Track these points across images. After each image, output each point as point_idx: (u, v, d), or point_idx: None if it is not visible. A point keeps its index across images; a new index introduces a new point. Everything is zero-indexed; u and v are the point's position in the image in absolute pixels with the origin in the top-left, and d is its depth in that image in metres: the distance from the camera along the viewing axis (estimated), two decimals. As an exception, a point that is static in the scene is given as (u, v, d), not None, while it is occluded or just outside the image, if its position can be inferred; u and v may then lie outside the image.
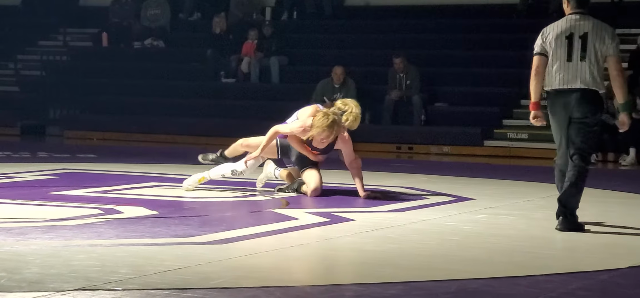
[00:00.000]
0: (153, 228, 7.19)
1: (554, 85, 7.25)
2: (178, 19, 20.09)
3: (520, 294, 5.32)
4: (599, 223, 7.94)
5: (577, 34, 7.20)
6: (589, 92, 7.21)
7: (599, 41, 7.19)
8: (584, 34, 7.19)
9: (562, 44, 7.20)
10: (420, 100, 15.91)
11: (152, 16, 19.66)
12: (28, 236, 6.68)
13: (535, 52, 7.32)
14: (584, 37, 7.19)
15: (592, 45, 7.19)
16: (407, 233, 7.35)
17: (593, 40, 7.19)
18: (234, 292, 5.15)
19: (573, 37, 7.20)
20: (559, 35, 7.22)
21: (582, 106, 7.21)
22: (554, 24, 7.33)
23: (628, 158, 13.88)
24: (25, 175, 10.68)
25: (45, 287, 5.11)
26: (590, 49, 7.18)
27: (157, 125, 17.15)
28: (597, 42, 7.19)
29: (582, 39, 7.19)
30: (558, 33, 7.23)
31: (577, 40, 7.19)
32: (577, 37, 7.20)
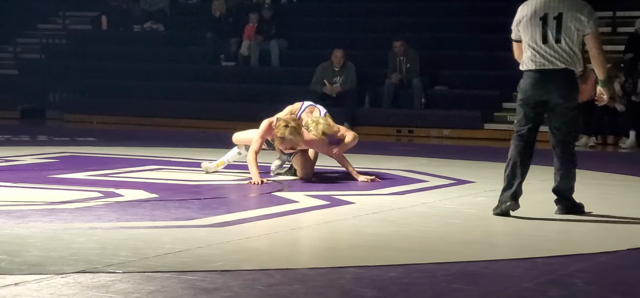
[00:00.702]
0: (153, 212, 7.20)
1: (529, 66, 7.15)
2: (177, 3, 20.07)
3: (519, 276, 5.33)
4: (599, 206, 7.95)
5: (552, 15, 7.07)
6: (565, 72, 7.12)
7: (575, 21, 7.07)
8: (559, 14, 7.07)
9: (537, 24, 7.07)
10: (420, 84, 15.89)
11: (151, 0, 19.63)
12: (28, 219, 6.69)
13: (512, 38, 7.28)
14: (559, 18, 7.06)
15: (567, 25, 7.06)
16: (407, 216, 7.36)
17: (569, 21, 7.06)
18: (234, 274, 5.16)
19: (547, 17, 7.06)
20: (533, 16, 7.08)
21: (559, 88, 7.12)
22: (526, 3, 7.19)
23: (628, 141, 13.88)
24: (25, 159, 10.69)
25: (45, 270, 5.12)
26: (566, 29, 7.06)
27: (157, 109, 17.14)
28: (573, 22, 7.07)
29: (557, 19, 7.06)
30: (532, 14, 7.09)
31: (552, 21, 7.06)
32: (552, 17, 7.06)
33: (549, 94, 7.13)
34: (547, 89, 7.12)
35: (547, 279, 5.21)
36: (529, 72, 7.17)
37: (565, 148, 7.27)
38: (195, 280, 4.98)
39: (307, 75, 16.19)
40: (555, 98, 7.14)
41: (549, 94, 7.13)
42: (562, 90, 7.13)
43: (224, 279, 5.02)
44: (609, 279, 5.33)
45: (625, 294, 4.85)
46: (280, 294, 4.77)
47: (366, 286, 5.07)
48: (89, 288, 4.78)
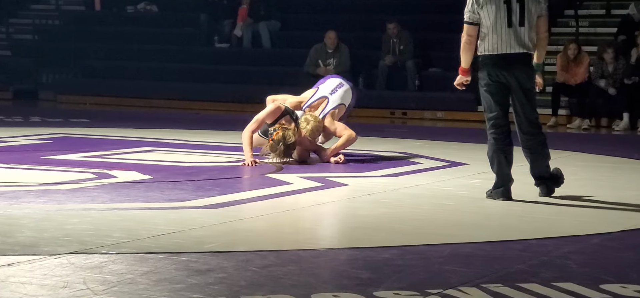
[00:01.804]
0: (147, 193, 7.19)
1: (493, 51, 7.11)
2: (171, -17, 20.01)
3: (513, 258, 5.34)
4: (592, 188, 7.97)
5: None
6: (526, 56, 7.12)
7: (535, 3, 7.09)
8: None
9: (501, 8, 7.04)
10: (414, 66, 15.88)
11: (145, -20, 19.58)
12: (21, 200, 6.68)
13: (467, 20, 7.18)
14: (521, 1, 7.05)
15: (529, 8, 7.07)
16: (400, 198, 7.36)
17: (530, 3, 7.07)
18: (228, 256, 5.16)
19: (511, 1, 7.05)
20: (496, 0, 7.05)
21: (522, 71, 7.11)
22: None
23: (621, 123, 13.90)
24: (18, 140, 10.67)
25: (39, 251, 5.12)
26: (528, 12, 7.06)
27: (150, 90, 17.11)
28: (533, 5, 7.09)
29: (520, 3, 7.05)
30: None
31: (515, 4, 7.04)
32: (515, 1, 7.05)
33: (512, 77, 7.12)
34: (510, 73, 7.10)
35: (540, 261, 5.22)
36: (490, 56, 7.13)
37: (535, 129, 7.25)
38: (188, 261, 4.99)
39: (301, 57, 16.16)
40: (519, 81, 7.13)
41: (512, 78, 7.12)
42: (523, 74, 7.12)
43: (217, 260, 5.03)
44: (602, 261, 5.34)
45: (618, 276, 4.87)
46: (274, 275, 4.78)
47: (360, 267, 5.08)
48: (82, 269, 4.78)
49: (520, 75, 7.13)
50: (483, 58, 7.20)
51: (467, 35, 7.21)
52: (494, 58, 7.14)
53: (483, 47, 7.18)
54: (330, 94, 9.32)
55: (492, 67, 7.15)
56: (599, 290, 4.58)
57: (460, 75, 7.43)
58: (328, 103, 9.24)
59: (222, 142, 10.86)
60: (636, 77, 13.99)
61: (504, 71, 7.12)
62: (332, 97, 9.30)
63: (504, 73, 7.12)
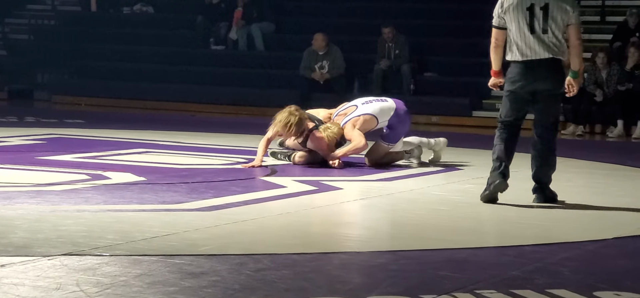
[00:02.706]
0: (141, 195, 7.17)
1: (516, 57, 7.21)
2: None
3: (507, 264, 5.33)
4: (586, 194, 7.96)
5: (538, 5, 7.14)
6: (553, 61, 7.18)
7: (561, 11, 7.15)
8: (545, 4, 7.14)
9: (524, 15, 7.14)
10: (409, 70, 15.87)
11: (141, -19, 19.55)
12: (15, 200, 6.66)
13: (494, 25, 7.30)
14: (545, 8, 7.14)
15: (553, 15, 7.14)
16: (395, 203, 7.35)
17: (555, 11, 7.14)
18: (222, 259, 5.15)
19: (534, 7, 7.14)
20: (519, 5, 7.15)
21: (548, 77, 7.19)
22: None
23: (615, 130, 13.90)
24: (13, 140, 10.64)
25: (32, 252, 5.09)
26: (552, 19, 7.14)
27: (146, 91, 17.09)
28: (559, 12, 7.15)
29: (544, 9, 7.14)
30: (518, 2, 7.16)
31: (539, 11, 7.13)
32: (539, 8, 7.14)
33: (536, 83, 7.20)
34: (534, 79, 7.18)
35: (534, 267, 5.21)
36: (516, 62, 7.23)
37: (549, 135, 7.34)
38: (182, 263, 4.97)
39: (296, 60, 16.16)
40: (542, 87, 7.20)
41: (536, 84, 7.20)
42: (549, 79, 7.20)
43: (211, 263, 5.01)
44: (596, 268, 5.34)
45: (612, 283, 4.86)
46: (268, 279, 4.76)
47: (354, 272, 5.07)
48: (76, 270, 4.76)
49: (544, 81, 7.20)
50: (511, 65, 7.29)
51: (494, 38, 7.33)
52: (517, 64, 7.24)
53: (509, 54, 7.29)
54: (362, 104, 9.21)
55: (516, 73, 7.24)
56: (593, 297, 4.57)
57: (493, 78, 7.50)
58: (355, 111, 9.15)
59: (217, 144, 10.84)
60: (630, 84, 13.99)
61: (527, 77, 7.19)
62: (362, 107, 9.15)
63: (527, 80, 7.20)
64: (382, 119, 9.10)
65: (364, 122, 9.02)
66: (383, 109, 9.15)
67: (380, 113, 9.10)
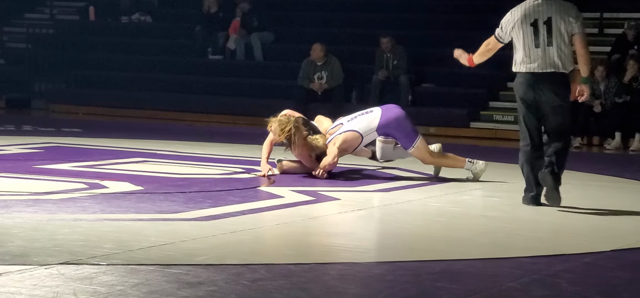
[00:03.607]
0: (138, 204, 7.17)
1: (521, 69, 7.46)
2: (166, -6, 20.03)
3: (504, 275, 5.34)
4: (584, 206, 7.97)
5: (541, 20, 7.36)
6: (559, 75, 7.41)
7: (564, 23, 7.37)
8: (548, 18, 7.35)
9: (528, 30, 7.37)
10: (407, 81, 15.87)
11: (139, -10, 19.58)
12: (12, 209, 6.66)
13: (495, 35, 7.64)
14: (548, 22, 7.35)
15: (557, 29, 7.36)
16: (392, 213, 7.36)
17: (558, 24, 7.36)
18: (219, 269, 5.15)
19: (538, 22, 7.35)
20: (523, 22, 7.39)
21: (553, 90, 7.41)
22: (515, 9, 7.48)
23: (613, 142, 13.91)
24: (10, 149, 10.64)
25: (29, 261, 5.10)
26: (556, 32, 7.35)
27: (144, 101, 17.10)
28: (562, 24, 7.37)
29: (547, 24, 7.34)
30: (521, 19, 7.39)
31: (542, 26, 7.35)
32: (542, 22, 7.35)
33: (541, 95, 7.42)
34: (539, 90, 7.42)
35: (531, 279, 5.22)
36: (521, 74, 7.50)
37: (564, 140, 7.58)
38: (179, 273, 4.97)
39: (294, 70, 16.17)
40: (547, 98, 7.42)
41: (541, 95, 7.43)
42: (551, 92, 7.42)
43: (208, 273, 5.01)
44: (593, 280, 5.34)
45: (609, 295, 4.86)
46: (265, 289, 4.76)
47: (350, 283, 5.07)
48: (73, 280, 4.76)
49: (548, 94, 7.42)
50: (517, 76, 7.55)
51: (491, 44, 7.73)
52: (524, 76, 7.48)
53: (515, 66, 7.54)
54: (347, 121, 9.23)
55: (520, 83, 7.51)
56: (589, 309, 4.57)
57: (467, 60, 7.92)
58: (341, 128, 9.16)
59: (214, 154, 10.85)
60: (627, 96, 14.01)
61: (533, 89, 7.44)
62: (347, 124, 9.13)
63: (533, 91, 7.44)
64: (368, 132, 9.09)
65: (344, 140, 8.99)
66: (369, 121, 9.14)
67: (365, 127, 9.09)
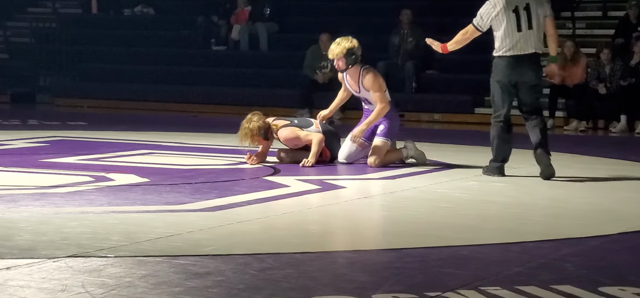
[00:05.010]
0: (144, 196, 7.19)
1: (507, 53, 8.14)
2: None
3: (511, 260, 5.34)
4: (589, 190, 7.98)
5: (521, 6, 8.11)
6: (537, 55, 8.21)
7: (540, 7, 8.17)
8: (526, 5, 8.12)
9: (510, 16, 8.09)
10: (412, 68, 15.87)
11: (141, -17, 19.57)
12: (19, 203, 6.68)
13: (474, 23, 8.29)
14: (527, 8, 8.12)
15: (535, 13, 8.13)
16: (398, 201, 7.37)
17: (536, 8, 8.14)
18: (226, 259, 5.16)
19: (518, 9, 8.10)
20: (505, 9, 8.11)
21: (532, 69, 8.20)
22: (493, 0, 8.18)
23: (618, 125, 13.89)
24: (16, 143, 10.66)
25: (37, 254, 5.11)
26: (535, 17, 8.13)
27: (148, 93, 17.10)
28: (539, 9, 8.16)
29: (526, 9, 8.11)
30: (504, 7, 8.11)
31: (522, 12, 8.10)
32: (522, 8, 8.11)
33: (522, 75, 8.17)
34: (520, 71, 8.16)
35: (538, 263, 5.23)
36: (504, 57, 8.17)
37: (537, 112, 8.32)
38: (186, 264, 4.98)
39: (298, 59, 16.15)
40: (529, 78, 8.19)
41: (522, 76, 8.18)
42: (531, 71, 8.20)
43: (215, 263, 5.02)
44: (600, 263, 5.35)
45: (616, 278, 4.87)
46: (272, 278, 4.78)
47: (358, 270, 5.08)
48: (81, 272, 4.77)
49: (529, 74, 8.20)
50: (497, 59, 8.24)
51: (469, 33, 8.39)
52: (507, 59, 8.19)
53: (497, 49, 8.22)
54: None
55: (505, 66, 8.20)
56: (597, 292, 4.58)
57: (441, 48, 8.55)
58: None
59: (219, 144, 10.85)
60: (632, 79, 13.99)
61: (515, 70, 8.17)
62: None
63: (515, 72, 8.17)
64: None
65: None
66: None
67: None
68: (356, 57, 9.19)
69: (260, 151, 9.11)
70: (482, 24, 8.26)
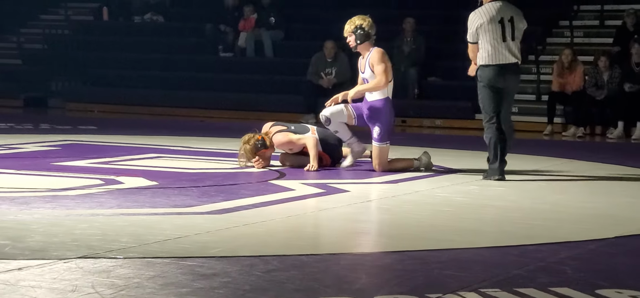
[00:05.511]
0: (153, 198, 7.18)
1: (493, 61, 8.50)
2: (176, -5, 20.04)
3: (510, 264, 5.33)
4: (586, 194, 7.96)
5: (506, 18, 8.51)
6: (518, 65, 8.63)
7: (521, 22, 8.62)
8: (511, 17, 8.54)
9: (496, 27, 8.48)
10: (415, 74, 15.89)
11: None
12: (31, 205, 6.68)
13: (469, 40, 8.63)
14: (511, 20, 8.53)
15: (518, 25, 8.58)
16: (400, 204, 7.35)
17: (518, 22, 8.58)
18: (232, 260, 5.15)
19: (503, 20, 8.50)
20: (492, 20, 8.48)
21: (516, 77, 8.69)
22: (480, 10, 8.54)
23: (615, 131, 13.88)
24: (28, 146, 10.67)
25: (48, 255, 5.11)
26: (518, 29, 8.57)
27: (157, 98, 17.11)
28: (520, 22, 8.61)
29: (510, 22, 8.52)
30: (490, 18, 8.49)
31: (507, 24, 8.51)
32: (506, 20, 8.51)
33: (507, 81, 8.57)
34: (505, 78, 8.54)
35: (537, 266, 5.21)
36: (491, 66, 8.51)
37: (511, 123, 8.85)
38: (194, 265, 4.98)
39: (303, 66, 16.16)
40: (514, 85, 8.72)
41: (507, 82, 8.57)
42: (515, 78, 8.71)
43: (222, 265, 5.02)
44: (598, 266, 5.33)
45: (613, 281, 4.86)
46: (277, 280, 4.77)
47: (360, 272, 5.07)
48: (91, 273, 4.77)
49: (513, 81, 8.68)
50: (483, 67, 8.57)
51: (472, 52, 8.73)
52: (494, 68, 8.52)
53: (483, 59, 8.56)
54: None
55: (492, 73, 8.52)
56: (594, 295, 4.57)
57: (472, 66, 8.83)
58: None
59: (226, 149, 10.85)
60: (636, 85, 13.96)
61: (501, 78, 8.51)
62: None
63: (501, 79, 8.52)
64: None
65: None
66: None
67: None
68: (365, 33, 9.18)
69: (265, 157, 9.11)
70: (473, 36, 8.57)
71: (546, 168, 9.59)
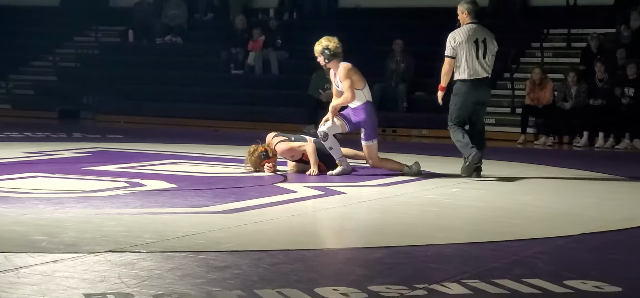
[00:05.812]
0: (172, 199, 7.18)
1: (468, 76, 8.77)
2: (194, 18, 20.03)
3: (487, 257, 5.33)
4: (555, 196, 7.95)
5: (480, 39, 8.80)
6: (489, 80, 8.93)
7: (492, 43, 8.87)
8: (484, 38, 8.82)
9: (472, 46, 8.77)
10: (404, 89, 15.93)
11: (171, 15, 19.60)
12: (65, 205, 6.68)
13: (448, 55, 8.84)
14: (484, 41, 8.81)
15: (490, 46, 8.84)
16: (391, 204, 7.35)
17: (490, 43, 8.84)
18: (242, 254, 5.15)
19: (478, 41, 8.79)
20: (468, 40, 8.77)
21: (487, 91, 8.98)
22: (459, 31, 8.82)
23: (581, 140, 13.88)
24: (62, 153, 10.67)
25: (80, 249, 5.11)
26: (489, 49, 8.83)
27: (175, 110, 17.13)
28: (491, 44, 8.87)
29: (484, 42, 8.80)
30: (467, 38, 8.78)
31: (481, 44, 8.79)
32: (480, 41, 8.79)
33: (480, 95, 8.87)
34: (479, 92, 8.83)
35: (511, 260, 5.21)
36: (467, 80, 8.78)
37: (483, 130, 9.13)
38: (208, 258, 4.98)
39: (305, 82, 16.17)
40: (486, 97, 9.03)
41: (480, 96, 8.87)
42: (487, 92, 9.01)
43: (233, 258, 5.02)
44: (565, 260, 5.33)
45: (578, 273, 4.86)
46: (283, 272, 4.77)
47: (355, 265, 5.07)
48: (117, 265, 4.77)
49: (486, 93, 9.00)
50: (460, 82, 8.83)
51: (448, 65, 8.88)
52: (469, 83, 8.80)
53: (460, 74, 8.81)
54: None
55: (467, 87, 8.79)
56: (562, 285, 4.57)
57: (440, 92, 9.04)
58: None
59: (237, 155, 10.84)
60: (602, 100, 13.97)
61: (475, 91, 8.79)
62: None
63: (475, 93, 8.79)
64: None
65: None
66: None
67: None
68: (331, 53, 9.21)
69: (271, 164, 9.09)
70: (452, 51, 8.77)
71: (520, 173, 9.59)
